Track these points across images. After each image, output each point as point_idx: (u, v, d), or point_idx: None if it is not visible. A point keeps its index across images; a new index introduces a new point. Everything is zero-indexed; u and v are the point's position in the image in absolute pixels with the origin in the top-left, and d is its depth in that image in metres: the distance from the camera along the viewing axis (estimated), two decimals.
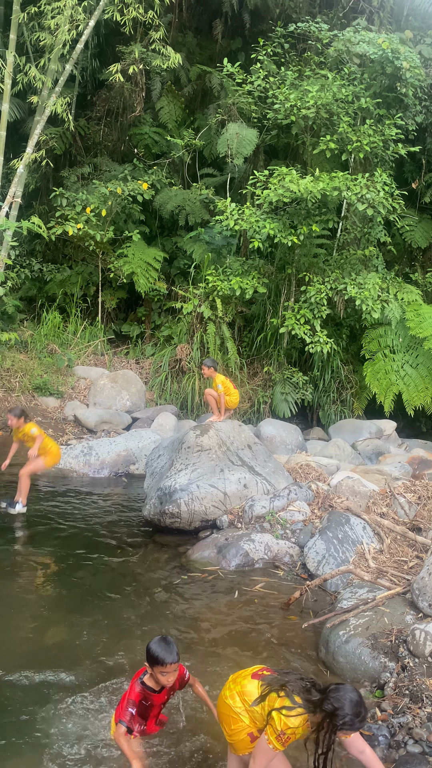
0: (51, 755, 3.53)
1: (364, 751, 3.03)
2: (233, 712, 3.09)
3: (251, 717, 3.03)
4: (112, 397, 11.59)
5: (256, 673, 3.15)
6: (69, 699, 4.00)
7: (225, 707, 3.14)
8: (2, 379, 11.21)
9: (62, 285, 13.87)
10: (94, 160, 14.60)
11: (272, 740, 2.88)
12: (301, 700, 2.86)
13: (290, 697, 2.88)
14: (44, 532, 6.61)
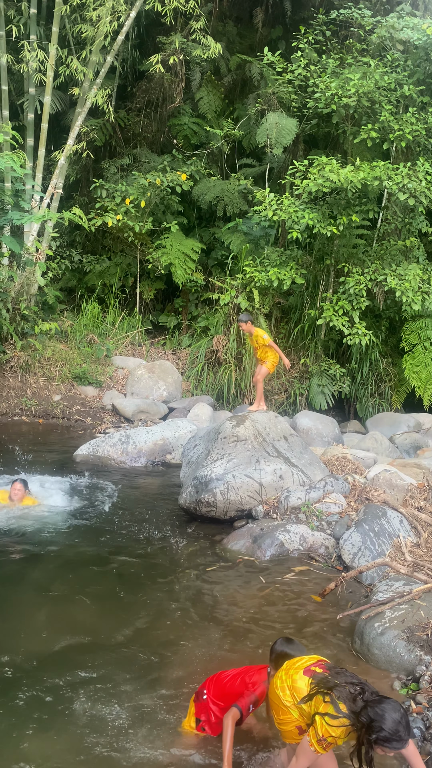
0: (92, 734, 3.62)
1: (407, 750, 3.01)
2: (282, 704, 3.10)
3: (300, 712, 3.03)
4: (149, 387, 11.70)
5: (308, 668, 3.11)
6: (103, 681, 4.09)
7: (275, 697, 3.16)
8: (43, 368, 11.42)
9: (101, 276, 14.03)
10: (134, 151, 14.68)
11: (314, 743, 2.87)
12: (346, 709, 2.80)
13: (335, 704, 2.83)
14: (82, 518, 6.74)
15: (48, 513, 6.73)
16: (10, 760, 3.38)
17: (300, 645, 3.35)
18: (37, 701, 3.84)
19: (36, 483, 7.39)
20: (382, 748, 2.75)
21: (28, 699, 3.86)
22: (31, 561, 5.70)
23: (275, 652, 3.33)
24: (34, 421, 10.47)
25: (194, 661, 4.37)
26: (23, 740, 3.53)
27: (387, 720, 2.70)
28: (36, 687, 3.97)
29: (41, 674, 4.10)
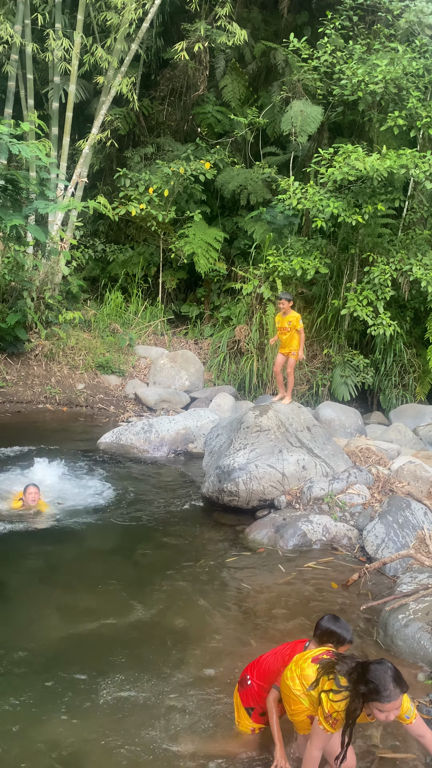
0: (115, 717, 3.67)
1: (425, 735, 3.02)
2: (293, 694, 3.14)
3: (309, 700, 3.07)
4: (171, 376, 11.74)
5: (316, 656, 3.16)
6: (128, 669, 4.13)
7: (286, 688, 3.20)
8: (67, 357, 11.51)
9: (124, 265, 14.07)
10: (157, 140, 14.65)
11: (322, 722, 2.91)
12: (346, 682, 2.86)
13: (336, 680, 2.89)
14: (104, 505, 6.79)
15: (68, 505, 6.79)
16: (40, 742, 3.44)
17: (346, 624, 3.35)
18: (67, 686, 3.90)
19: (59, 471, 7.47)
20: (375, 705, 2.78)
21: (58, 684, 3.92)
22: (54, 550, 5.77)
23: (321, 628, 3.32)
24: (58, 409, 10.57)
25: (218, 648, 4.39)
26: (54, 724, 3.59)
27: (373, 671, 2.79)
28: (65, 672, 4.03)
29: (68, 660, 4.16)
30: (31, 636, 4.40)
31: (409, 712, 2.94)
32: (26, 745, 3.40)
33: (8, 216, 7.91)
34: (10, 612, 4.70)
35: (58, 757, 3.34)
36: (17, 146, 7.40)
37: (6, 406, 10.24)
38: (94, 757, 3.37)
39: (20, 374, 10.94)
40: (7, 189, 8.30)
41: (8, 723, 3.55)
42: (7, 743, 3.41)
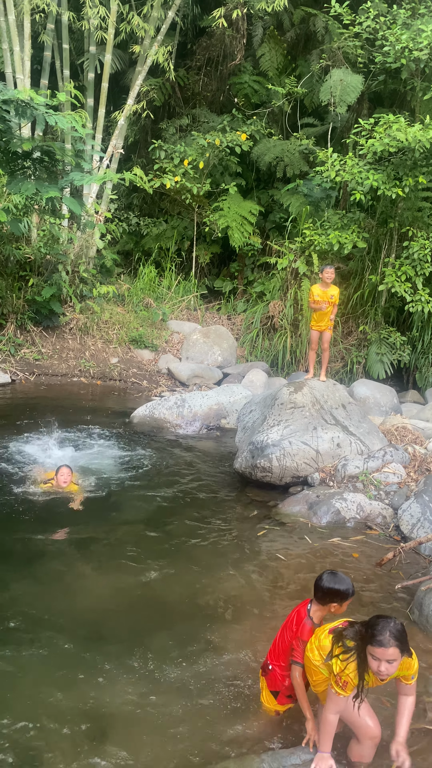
0: (145, 688, 3.73)
1: (407, 698, 3.14)
2: (313, 665, 3.23)
3: (328, 669, 3.14)
4: (204, 352, 11.71)
5: (333, 628, 3.20)
6: (159, 641, 4.18)
7: (307, 660, 3.28)
8: (101, 331, 11.55)
9: (158, 239, 13.99)
10: (193, 111, 14.42)
11: (334, 685, 3.00)
12: (353, 644, 2.96)
13: (345, 643, 2.99)
14: (138, 479, 6.84)
15: (101, 477, 6.85)
16: (71, 709, 3.51)
17: (344, 577, 3.33)
18: (100, 656, 3.96)
19: (93, 446, 7.54)
20: (369, 651, 2.87)
21: (92, 653, 3.99)
22: (87, 522, 5.83)
23: (322, 588, 3.31)
24: (92, 382, 10.65)
25: (249, 623, 4.41)
26: (86, 691, 3.66)
27: (375, 619, 2.93)
28: (98, 643, 4.09)
29: (101, 631, 4.23)
30: (67, 607, 4.46)
31: (415, 675, 3.07)
32: (58, 710, 3.48)
33: (44, 188, 7.87)
34: (45, 583, 4.78)
35: (89, 724, 3.41)
36: (54, 117, 7.33)
37: (42, 379, 10.35)
38: (120, 725, 3.43)
39: (55, 347, 11.03)
40: (44, 161, 8.24)
41: (44, 687, 3.63)
42: (42, 707, 3.49)
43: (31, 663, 3.84)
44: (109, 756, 3.19)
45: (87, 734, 3.32)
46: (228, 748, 3.29)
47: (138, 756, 3.20)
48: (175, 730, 3.38)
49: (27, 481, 6.47)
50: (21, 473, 6.63)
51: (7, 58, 11.09)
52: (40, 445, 7.41)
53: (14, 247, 10.63)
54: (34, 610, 4.37)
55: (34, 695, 3.57)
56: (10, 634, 4.08)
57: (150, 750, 3.25)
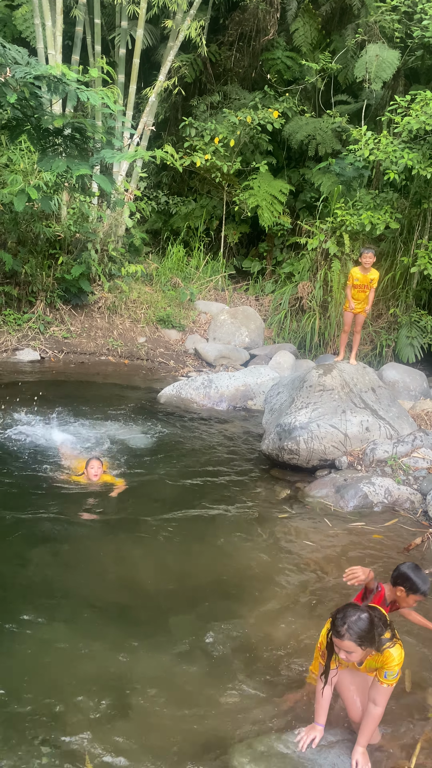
0: (177, 669, 3.77)
1: (372, 707, 3.00)
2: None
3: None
4: (231, 332, 11.67)
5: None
6: (188, 621, 4.22)
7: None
8: (129, 310, 11.57)
9: (186, 218, 13.90)
10: (224, 87, 14.21)
11: (317, 656, 3.10)
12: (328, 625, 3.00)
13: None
14: (164, 458, 6.87)
15: (127, 457, 6.89)
16: (99, 683, 3.57)
17: (426, 576, 3.31)
18: (129, 633, 4.01)
19: (120, 425, 7.58)
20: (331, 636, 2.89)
21: (120, 631, 4.04)
22: (113, 500, 5.88)
23: (399, 570, 3.30)
24: (119, 361, 10.69)
25: (273, 601, 4.42)
26: (112, 666, 3.71)
27: (339, 610, 2.92)
28: (126, 621, 4.14)
29: (129, 610, 4.26)
30: (91, 583, 4.49)
31: (392, 673, 2.94)
32: (82, 681, 3.54)
33: (75, 165, 7.84)
34: (71, 559, 4.83)
35: (112, 696, 3.46)
36: (86, 93, 7.27)
37: (70, 357, 10.43)
38: (143, 699, 3.47)
39: (84, 326, 11.09)
40: (75, 138, 8.21)
41: (69, 659, 3.70)
42: (66, 678, 3.55)
43: (58, 634, 3.90)
44: (130, 729, 3.23)
45: (109, 706, 3.36)
46: (250, 726, 3.31)
47: (159, 731, 3.24)
48: (196, 708, 3.41)
49: (56, 467, 6.29)
50: (49, 459, 6.53)
51: (39, 33, 11.02)
52: (68, 428, 7.38)
53: (44, 225, 10.65)
54: (60, 585, 4.43)
55: (60, 666, 3.63)
56: (39, 609, 4.15)
57: (171, 725, 3.28)
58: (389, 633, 2.90)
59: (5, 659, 3.64)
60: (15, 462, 6.34)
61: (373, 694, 2.97)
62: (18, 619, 3.98)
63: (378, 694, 2.95)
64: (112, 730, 3.20)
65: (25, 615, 4.04)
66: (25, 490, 5.75)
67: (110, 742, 3.12)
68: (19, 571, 4.56)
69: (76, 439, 7.04)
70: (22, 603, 4.16)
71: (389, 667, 2.90)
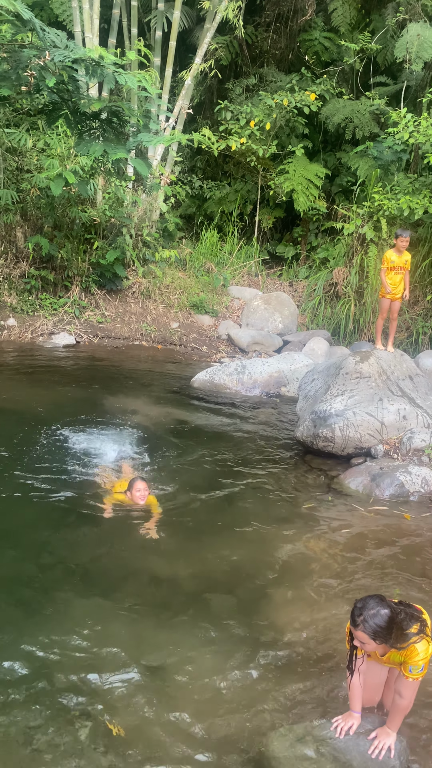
0: (218, 657, 3.80)
1: (399, 698, 2.94)
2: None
3: None
4: (264, 318, 11.60)
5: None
6: (221, 602, 4.24)
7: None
8: (162, 295, 11.58)
9: (220, 203, 13.81)
10: (260, 70, 14.01)
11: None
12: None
13: None
14: (197, 443, 6.89)
15: (163, 439, 6.92)
16: (146, 670, 3.62)
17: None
18: (171, 624, 4.06)
19: (153, 409, 7.60)
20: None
21: (162, 621, 4.09)
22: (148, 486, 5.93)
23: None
24: (153, 346, 10.74)
25: (306, 589, 4.42)
26: (148, 649, 3.76)
27: (362, 599, 2.93)
28: (167, 609, 4.19)
29: (169, 599, 4.31)
30: (137, 578, 4.50)
31: (417, 668, 2.87)
32: (120, 660, 3.60)
33: (112, 149, 7.83)
34: (101, 542, 4.89)
35: (147, 677, 3.51)
36: (123, 76, 7.24)
37: (104, 341, 10.51)
38: (177, 683, 3.52)
39: (118, 311, 11.15)
40: (112, 121, 8.19)
41: (108, 641, 3.76)
42: (105, 659, 3.62)
43: (92, 615, 3.97)
44: (164, 714, 3.27)
45: (146, 687, 3.42)
46: (286, 713, 3.32)
47: (194, 715, 3.27)
48: (231, 693, 3.44)
49: (91, 485, 5.72)
50: (83, 471, 5.96)
51: (76, 16, 10.99)
52: (106, 433, 6.82)
53: (80, 209, 10.69)
54: (100, 572, 4.49)
55: (98, 648, 3.70)
56: (86, 594, 4.23)
57: (206, 710, 3.31)
58: (417, 627, 2.86)
59: (47, 636, 3.72)
60: (51, 470, 5.87)
61: (398, 686, 2.95)
62: (55, 599, 4.07)
63: (403, 687, 2.93)
64: (146, 714, 3.26)
65: (61, 596, 4.13)
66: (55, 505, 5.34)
67: (144, 727, 3.17)
68: (49, 559, 4.64)
69: (117, 446, 6.53)
70: (57, 589, 4.24)
71: (413, 662, 2.86)
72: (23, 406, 7.43)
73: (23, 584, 4.23)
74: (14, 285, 10.52)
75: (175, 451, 6.62)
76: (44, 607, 4.00)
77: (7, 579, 4.28)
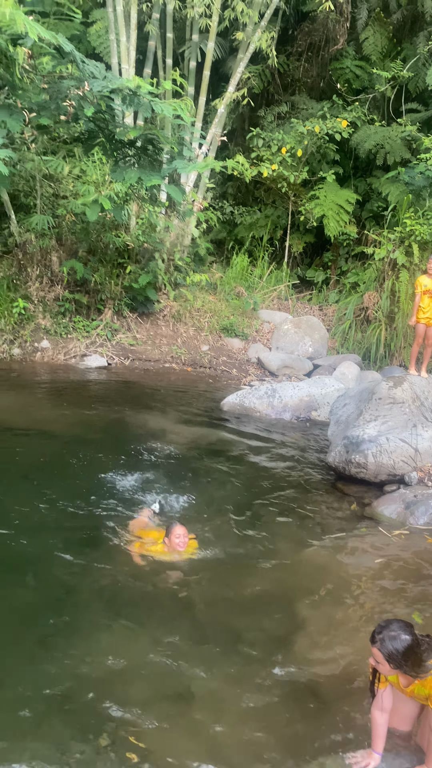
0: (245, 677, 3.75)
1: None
2: None
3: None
4: (294, 342, 11.60)
5: None
6: (251, 626, 4.19)
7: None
8: (193, 318, 11.68)
9: (251, 228, 13.95)
10: (292, 98, 14.22)
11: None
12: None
13: None
14: (227, 466, 6.86)
15: (194, 462, 6.91)
16: (176, 681, 3.58)
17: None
18: (204, 640, 4.02)
19: (183, 431, 7.62)
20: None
21: (196, 639, 4.06)
22: (174, 507, 5.91)
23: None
24: (183, 369, 10.80)
25: (339, 615, 4.34)
26: (177, 667, 3.73)
27: (385, 620, 2.96)
28: (200, 628, 4.15)
29: (199, 620, 4.27)
30: (165, 604, 4.47)
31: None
32: (148, 675, 3.57)
33: (147, 176, 7.99)
34: (143, 575, 4.89)
35: (174, 697, 3.47)
36: (159, 105, 7.41)
37: (135, 364, 10.60)
38: (203, 703, 3.47)
39: (149, 333, 11.26)
40: (147, 149, 8.36)
41: (140, 666, 3.73)
42: (136, 677, 3.59)
43: (124, 636, 3.95)
44: (186, 742, 3.23)
45: (171, 715, 3.37)
46: (306, 747, 3.23)
47: (212, 749, 3.21)
48: (253, 725, 3.36)
49: (119, 517, 5.50)
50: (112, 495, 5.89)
51: (113, 48, 11.32)
52: (135, 456, 6.75)
53: (114, 234, 10.89)
54: (128, 599, 4.47)
55: (126, 674, 3.67)
56: (113, 619, 4.22)
57: (225, 741, 3.25)
58: None
59: (74, 660, 3.72)
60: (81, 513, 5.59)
61: (430, 720, 2.89)
62: (80, 626, 4.06)
63: None
64: (168, 740, 3.22)
65: (88, 621, 4.12)
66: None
67: (166, 753, 3.13)
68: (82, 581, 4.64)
69: (146, 472, 6.42)
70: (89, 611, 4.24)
71: None
72: (54, 426, 7.51)
73: (51, 609, 4.23)
74: (49, 308, 10.72)
75: (205, 475, 6.60)
76: (71, 633, 3.98)
77: (35, 604, 4.30)
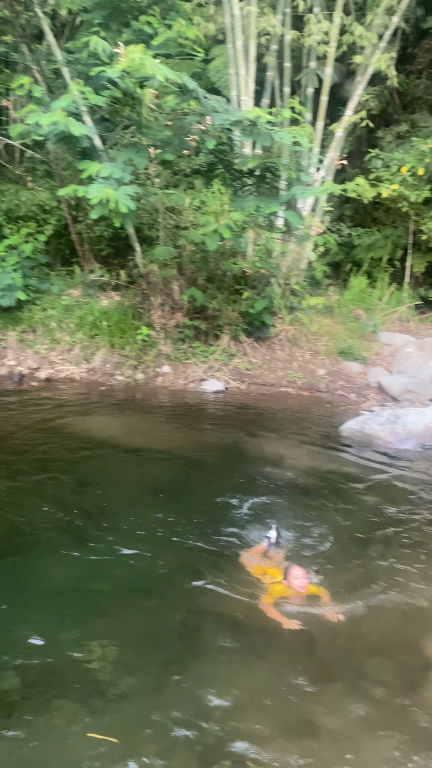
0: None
1: None
2: None
3: None
4: (418, 365, 11.13)
5: None
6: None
7: None
8: (309, 342, 11.58)
9: (369, 249, 13.68)
10: (412, 116, 13.88)
11: None
12: None
13: None
14: (350, 497, 6.67)
15: (313, 489, 6.79)
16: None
17: None
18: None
19: (302, 458, 7.52)
20: None
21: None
22: (292, 525, 5.81)
23: None
24: (299, 393, 10.70)
25: None
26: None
27: None
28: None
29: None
30: (291, 641, 4.42)
31: None
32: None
33: (265, 204, 8.13)
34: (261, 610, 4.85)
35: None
36: (279, 134, 7.53)
37: (251, 388, 10.66)
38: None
39: (264, 358, 11.30)
40: (265, 177, 8.52)
41: None
42: None
43: (246, 679, 3.91)
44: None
45: (294, 743, 3.27)
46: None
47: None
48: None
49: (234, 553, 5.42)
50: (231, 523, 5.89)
51: (232, 82, 11.67)
52: (252, 483, 6.66)
53: (231, 262, 11.11)
54: (250, 630, 4.46)
55: (244, 711, 3.63)
56: (236, 651, 4.20)
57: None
58: None
59: (191, 688, 3.73)
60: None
61: None
62: (200, 658, 4.07)
63: None
64: None
65: (209, 654, 4.12)
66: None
67: None
68: None
69: (264, 498, 6.41)
70: None
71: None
72: (175, 447, 7.72)
73: (175, 633, 4.30)
74: (169, 334, 11.08)
75: (324, 505, 6.45)
76: (194, 657, 4.02)
77: (159, 626, 4.38)
